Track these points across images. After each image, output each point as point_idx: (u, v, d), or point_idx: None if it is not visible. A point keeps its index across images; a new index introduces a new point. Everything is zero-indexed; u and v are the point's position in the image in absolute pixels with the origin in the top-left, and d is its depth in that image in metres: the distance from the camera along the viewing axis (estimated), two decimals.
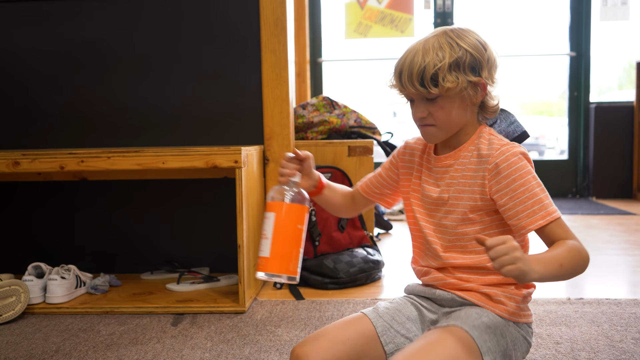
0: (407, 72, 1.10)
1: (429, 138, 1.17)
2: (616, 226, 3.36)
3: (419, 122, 1.16)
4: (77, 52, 2.28)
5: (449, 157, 1.18)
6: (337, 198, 1.37)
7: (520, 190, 1.08)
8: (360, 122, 2.60)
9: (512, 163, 1.09)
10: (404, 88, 1.12)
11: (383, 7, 4.68)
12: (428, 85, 1.09)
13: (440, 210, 1.18)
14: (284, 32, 2.20)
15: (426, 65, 1.09)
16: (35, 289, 1.92)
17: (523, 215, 1.08)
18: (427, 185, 1.22)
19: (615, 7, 4.58)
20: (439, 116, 1.13)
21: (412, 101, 1.16)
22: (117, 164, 1.86)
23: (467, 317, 1.09)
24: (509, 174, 1.09)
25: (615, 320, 1.71)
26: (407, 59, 1.11)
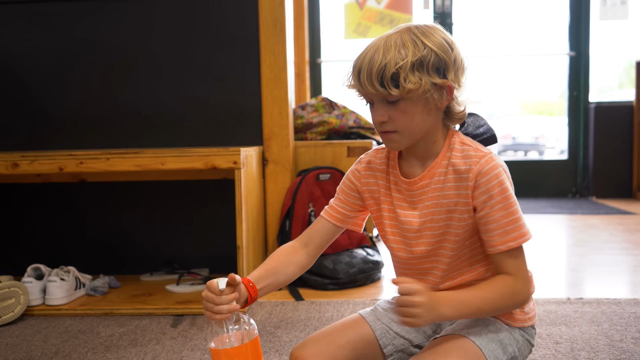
0: (367, 70, 1.01)
1: (391, 146, 1.08)
2: (616, 226, 3.36)
3: (379, 128, 1.06)
4: (76, 54, 2.28)
5: (422, 177, 1.10)
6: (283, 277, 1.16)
7: (498, 208, 1.03)
8: (360, 122, 2.60)
9: (492, 178, 1.03)
10: (362, 88, 1.03)
11: (382, 7, 4.68)
12: (388, 86, 0.99)
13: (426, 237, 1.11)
14: (283, 32, 2.20)
15: (387, 64, 0.99)
16: (34, 291, 1.92)
17: (496, 233, 1.03)
18: (402, 210, 1.13)
19: (615, 6, 4.58)
20: (401, 121, 1.03)
21: (372, 104, 1.06)
22: (116, 165, 1.86)
23: (474, 326, 1.08)
24: (488, 189, 1.03)
25: (615, 319, 1.71)
26: (366, 56, 1.02)
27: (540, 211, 3.98)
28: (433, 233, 1.10)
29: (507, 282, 1.04)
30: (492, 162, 1.04)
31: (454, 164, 1.07)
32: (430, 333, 1.18)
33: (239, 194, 1.84)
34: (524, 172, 4.77)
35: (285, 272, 1.16)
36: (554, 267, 2.42)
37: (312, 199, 2.25)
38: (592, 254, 2.63)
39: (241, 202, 1.85)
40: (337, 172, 2.33)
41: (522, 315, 1.12)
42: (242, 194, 1.85)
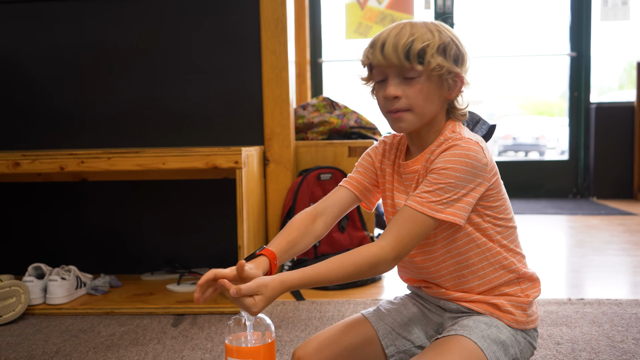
0: (392, 42, 1.01)
1: (400, 126, 1.07)
2: (617, 226, 3.36)
3: (389, 105, 1.05)
4: (77, 53, 2.28)
5: (415, 161, 1.11)
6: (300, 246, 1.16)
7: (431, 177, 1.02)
8: (361, 122, 2.60)
9: (449, 154, 1.02)
10: (384, 59, 1.02)
11: (383, 7, 4.68)
12: (413, 60, 1.01)
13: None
14: (284, 32, 2.20)
15: (415, 39, 1.01)
16: (35, 290, 1.92)
17: (415, 193, 1.03)
18: (397, 193, 1.16)
19: (616, 7, 4.58)
20: (415, 98, 1.04)
21: (382, 81, 1.06)
22: (118, 165, 1.86)
23: (476, 326, 1.07)
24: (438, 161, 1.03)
25: (616, 320, 1.71)
26: (391, 31, 1.03)
27: (540, 212, 3.98)
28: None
29: (369, 251, 1.02)
30: (463, 145, 1.03)
31: (437, 146, 1.07)
32: (432, 333, 1.18)
33: (240, 194, 1.84)
34: (525, 173, 4.77)
35: (303, 243, 1.16)
36: (554, 268, 2.42)
37: (313, 199, 2.25)
38: (593, 254, 2.63)
39: (242, 201, 1.85)
40: (338, 172, 2.33)
41: (524, 317, 1.11)
42: (243, 194, 1.85)
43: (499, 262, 1.10)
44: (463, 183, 1.01)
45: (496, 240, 1.10)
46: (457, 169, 1.01)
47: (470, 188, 1.02)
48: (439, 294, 1.16)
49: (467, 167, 1.01)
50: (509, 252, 1.11)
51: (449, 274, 1.12)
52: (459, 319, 1.13)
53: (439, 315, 1.18)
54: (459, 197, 1.01)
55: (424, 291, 1.20)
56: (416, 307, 1.21)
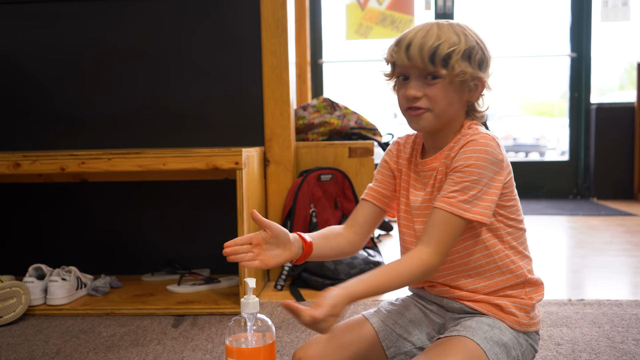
0: (418, 44, 1.03)
1: (418, 124, 1.08)
2: (617, 227, 3.36)
3: (408, 104, 1.07)
4: (78, 54, 2.28)
5: (433, 159, 1.13)
6: (334, 242, 1.20)
7: (459, 175, 1.04)
8: (361, 123, 2.60)
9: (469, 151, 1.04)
10: (408, 60, 1.04)
11: (384, 8, 4.68)
12: (438, 64, 1.03)
13: (424, 216, 1.13)
14: (285, 33, 2.20)
15: (441, 44, 1.03)
16: (36, 291, 1.92)
17: (441, 194, 1.05)
18: (413, 190, 1.17)
19: (616, 7, 4.58)
20: (436, 100, 1.05)
21: (404, 79, 1.08)
22: (118, 166, 1.86)
23: (479, 328, 1.07)
24: (460, 159, 1.04)
25: (617, 321, 1.71)
26: (418, 32, 1.04)
27: (541, 212, 3.98)
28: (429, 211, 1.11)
29: (421, 257, 1.03)
30: (482, 139, 1.05)
31: (455, 142, 1.09)
32: (433, 334, 1.18)
33: (241, 195, 1.85)
34: (525, 173, 4.77)
35: (335, 241, 1.19)
36: (555, 269, 2.42)
37: (313, 200, 2.25)
38: (593, 255, 2.63)
39: (242, 202, 1.85)
40: (338, 172, 2.33)
41: (527, 320, 1.12)
42: (244, 195, 1.86)
43: (507, 265, 1.11)
44: (485, 179, 1.03)
45: (506, 242, 1.11)
46: (478, 165, 1.03)
47: (491, 184, 1.04)
48: (442, 292, 1.16)
49: (487, 163, 1.03)
50: (517, 255, 1.12)
51: (456, 273, 1.13)
52: (461, 319, 1.13)
53: (440, 316, 1.18)
54: (483, 194, 1.03)
55: (427, 290, 1.20)
56: (417, 308, 1.21)
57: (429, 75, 1.05)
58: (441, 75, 1.04)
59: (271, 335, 1.04)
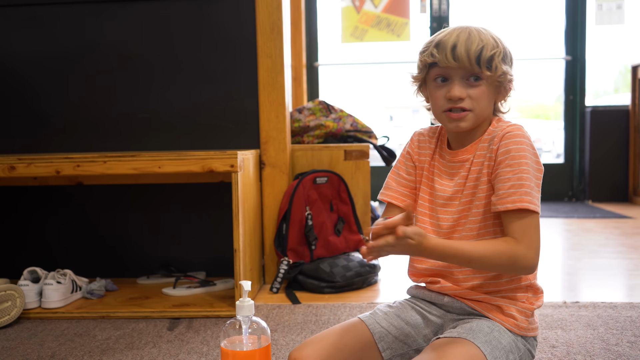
0: (464, 46, 1.07)
1: (460, 125, 1.11)
2: (612, 229, 3.37)
3: (452, 104, 1.10)
4: (74, 57, 2.28)
5: (465, 151, 1.16)
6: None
7: (508, 169, 1.06)
8: (357, 126, 2.60)
9: (512, 142, 1.07)
10: (455, 62, 1.07)
11: (379, 11, 4.69)
12: (483, 66, 1.07)
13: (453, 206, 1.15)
14: (280, 36, 2.20)
15: (484, 46, 1.07)
16: (31, 294, 1.92)
17: (500, 193, 1.06)
18: (439, 179, 1.19)
19: (611, 11, 4.60)
20: (478, 100, 1.10)
21: (443, 81, 1.11)
22: (113, 169, 1.86)
23: (479, 330, 1.08)
24: (506, 151, 1.07)
25: (611, 323, 1.71)
26: (460, 35, 1.08)
27: None
28: (461, 201, 1.14)
29: (508, 243, 1.04)
30: (517, 130, 1.10)
31: (487, 134, 1.14)
32: (431, 336, 1.18)
33: (236, 197, 1.85)
34: None
35: None
36: (550, 271, 2.43)
37: (309, 202, 2.25)
38: (588, 257, 2.64)
39: (238, 205, 1.85)
40: (334, 175, 2.33)
41: (526, 324, 1.13)
42: (239, 197, 1.86)
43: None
44: (533, 166, 1.07)
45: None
46: (523, 156, 1.06)
47: (538, 175, 1.07)
48: (445, 288, 1.16)
49: (530, 149, 1.08)
50: None
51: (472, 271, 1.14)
52: (460, 321, 1.14)
53: (439, 317, 1.19)
54: (535, 184, 1.06)
55: (429, 287, 1.21)
56: (415, 311, 1.21)
57: (471, 76, 1.09)
58: (484, 76, 1.09)
59: (266, 338, 1.04)
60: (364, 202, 2.41)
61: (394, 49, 4.82)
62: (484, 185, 1.11)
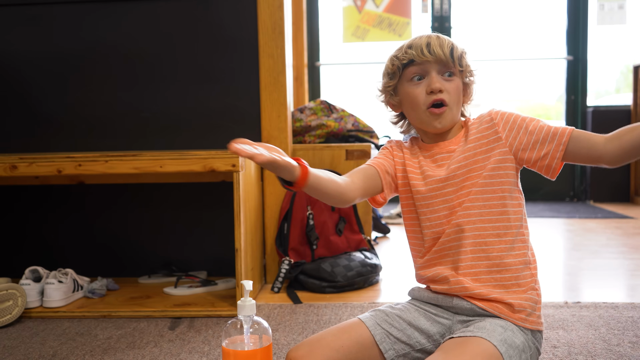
0: (437, 43, 1.14)
1: (442, 121, 1.16)
2: (614, 230, 3.37)
3: (433, 97, 1.14)
4: (74, 56, 2.28)
5: (450, 142, 1.20)
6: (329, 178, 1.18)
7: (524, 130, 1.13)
8: (358, 125, 2.60)
9: (504, 113, 1.15)
10: (431, 55, 1.13)
11: (381, 11, 4.69)
12: (456, 60, 1.14)
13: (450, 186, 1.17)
14: (282, 36, 2.20)
15: (454, 46, 1.15)
16: (32, 293, 1.92)
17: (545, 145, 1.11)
18: (428, 168, 1.21)
19: (612, 11, 4.60)
20: (453, 94, 1.16)
21: (419, 79, 1.16)
22: (115, 168, 1.86)
23: (493, 329, 1.08)
24: (512, 120, 1.14)
25: (613, 324, 1.71)
26: (430, 36, 1.15)
27: (538, 215, 3.98)
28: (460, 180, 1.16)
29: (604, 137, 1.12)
30: (495, 110, 1.17)
31: (472, 124, 1.19)
32: (437, 337, 1.18)
33: (238, 197, 1.85)
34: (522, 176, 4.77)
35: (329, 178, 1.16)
36: (551, 271, 2.43)
37: (310, 202, 2.25)
38: (590, 257, 2.64)
39: (239, 205, 1.85)
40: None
41: (534, 317, 1.13)
42: (241, 197, 1.86)
43: (523, 252, 1.16)
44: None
45: (525, 227, 1.20)
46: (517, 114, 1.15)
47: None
48: (453, 290, 1.16)
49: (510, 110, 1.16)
50: (528, 243, 1.20)
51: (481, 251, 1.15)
52: (472, 321, 1.14)
53: (447, 318, 1.18)
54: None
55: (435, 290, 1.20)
56: (417, 312, 1.20)
57: (446, 72, 1.15)
58: (456, 72, 1.15)
59: (268, 337, 1.04)
60: (365, 202, 2.41)
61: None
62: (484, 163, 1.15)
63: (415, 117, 1.19)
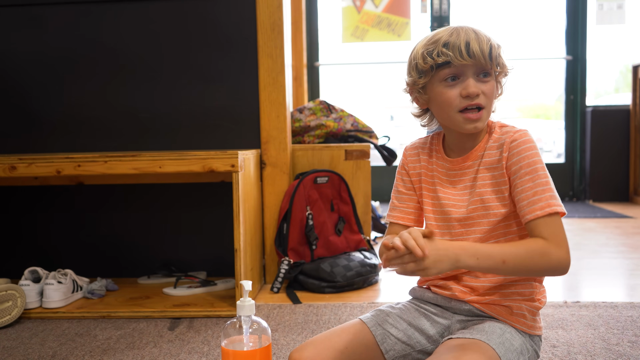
0: (477, 43, 1.07)
1: (477, 125, 1.10)
2: (613, 229, 3.37)
3: (469, 102, 1.08)
4: (74, 56, 2.28)
5: (466, 158, 1.15)
6: None
7: (527, 178, 1.06)
8: (357, 125, 2.60)
9: (523, 150, 1.08)
10: (470, 57, 1.06)
11: (380, 11, 4.69)
12: (494, 61, 1.09)
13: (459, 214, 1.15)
14: (281, 36, 2.20)
15: (492, 44, 1.08)
16: (31, 294, 1.92)
17: (524, 203, 1.06)
18: (441, 188, 1.18)
19: (611, 11, 4.60)
20: (489, 96, 1.10)
21: (453, 79, 1.09)
22: (114, 169, 1.86)
23: (492, 332, 1.08)
24: (519, 160, 1.08)
25: (612, 323, 1.71)
26: (468, 33, 1.08)
27: None
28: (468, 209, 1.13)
29: (537, 242, 1.03)
30: (525, 135, 1.10)
31: (494, 142, 1.13)
32: (437, 337, 1.18)
33: (237, 197, 1.85)
34: None
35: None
36: None
37: (309, 202, 2.25)
38: (589, 257, 2.64)
39: (239, 205, 1.85)
40: (334, 175, 2.33)
41: (533, 322, 1.13)
42: (240, 197, 1.86)
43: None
44: (545, 168, 1.08)
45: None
46: (537, 161, 1.07)
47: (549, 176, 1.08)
48: (457, 297, 1.16)
49: (539, 152, 1.09)
50: None
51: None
52: (470, 322, 1.14)
53: (445, 318, 1.18)
54: (552, 185, 1.08)
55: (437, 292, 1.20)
56: (418, 312, 1.20)
57: (481, 73, 1.09)
58: (492, 73, 1.10)
59: (267, 337, 1.04)
60: (365, 202, 2.41)
61: (395, 49, 4.82)
62: (497, 194, 1.11)
63: (445, 117, 1.13)
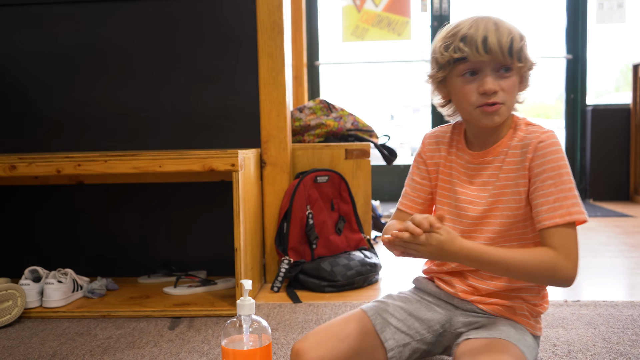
0: (495, 38, 1.03)
1: (494, 120, 1.07)
2: (613, 228, 3.37)
3: (486, 99, 1.06)
4: (74, 56, 2.28)
5: (487, 153, 1.13)
6: None
7: (549, 183, 1.03)
8: (358, 125, 2.60)
9: (548, 152, 1.04)
10: (487, 53, 1.03)
11: (380, 10, 4.68)
12: (515, 57, 1.04)
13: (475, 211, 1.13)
14: (281, 35, 2.20)
15: (514, 37, 1.04)
16: (32, 293, 1.92)
17: (544, 209, 1.03)
18: (459, 181, 1.16)
19: (612, 9, 4.60)
20: (509, 92, 1.06)
21: (472, 74, 1.07)
22: (114, 168, 1.86)
23: (508, 330, 1.08)
24: (543, 163, 1.04)
25: (612, 322, 1.71)
26: (487, 26, 1.05)
27: None
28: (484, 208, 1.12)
29: (547, 254, 1.01)
30: (553, 137, 1.07)
31: (519, 140, 1.09)
32: (437, 327, 1.18)
33: (237, 197, 1.85)
34: None
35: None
36: None
37: (309, 202, 2.25)
38: (590, 256, 2.64)
39: (239, 204, 1.85)
40: (334, 174, 2.33)
41: (535, 323, 1.15)
42: (240, 197, 1.85)
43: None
44: (570, 173, 1.05)
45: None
46: (562, 165, 1.04)
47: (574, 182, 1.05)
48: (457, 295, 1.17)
49: (566, 160, 1.06)
50: None
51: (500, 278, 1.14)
52: (476, 320, 1.14)
53: (447, 310, 1.19)
54: (576, 192, 1.05)
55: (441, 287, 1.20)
56: (419, 303, 1.21)
57: (502, 68, 1.06)
58: (514, 68, 1.06)
59: (267, 336, 1.04)
60: (365, 201, 2.41)
61: (395, 48, 4.82)
62: (514, 196, 1.09)
63: (464, 111, 1.11)
